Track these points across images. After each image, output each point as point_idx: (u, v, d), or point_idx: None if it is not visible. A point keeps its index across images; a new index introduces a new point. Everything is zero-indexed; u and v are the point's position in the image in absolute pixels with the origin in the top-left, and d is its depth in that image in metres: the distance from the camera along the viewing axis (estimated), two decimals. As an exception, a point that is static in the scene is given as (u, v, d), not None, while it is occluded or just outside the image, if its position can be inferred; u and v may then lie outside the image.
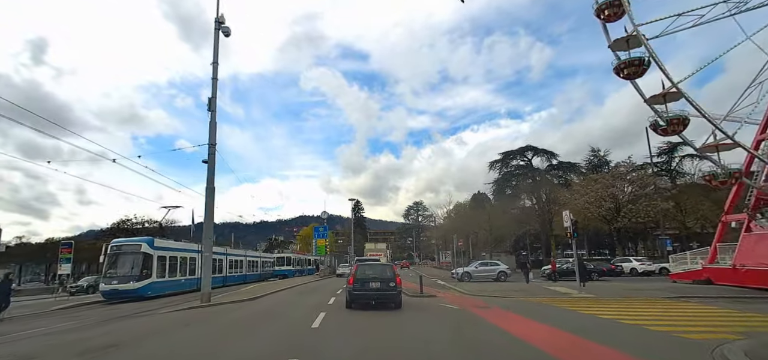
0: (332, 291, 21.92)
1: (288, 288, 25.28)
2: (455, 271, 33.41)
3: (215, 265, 30.96)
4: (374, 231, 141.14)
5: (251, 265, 40.36)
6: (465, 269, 32.41)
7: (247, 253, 39.80)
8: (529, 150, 70.74)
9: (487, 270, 32.97)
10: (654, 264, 36.15)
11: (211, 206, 17.36)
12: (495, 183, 71.52)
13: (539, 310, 13.23)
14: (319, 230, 45.70)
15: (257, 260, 42.72)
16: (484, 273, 32.53)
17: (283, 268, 44.82)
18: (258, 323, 11.36)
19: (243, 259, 37.65)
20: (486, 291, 20.84)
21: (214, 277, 30.85)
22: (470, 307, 14.22)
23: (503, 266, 33.88)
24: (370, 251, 64.12)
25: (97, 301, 20.60)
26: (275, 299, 18.43)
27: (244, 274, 37.55)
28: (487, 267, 33.55)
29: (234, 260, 35.49)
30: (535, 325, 10.45)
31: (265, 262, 44.97)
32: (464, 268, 31.46)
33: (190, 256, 26.74)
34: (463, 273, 31.40)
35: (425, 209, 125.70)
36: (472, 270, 33.03)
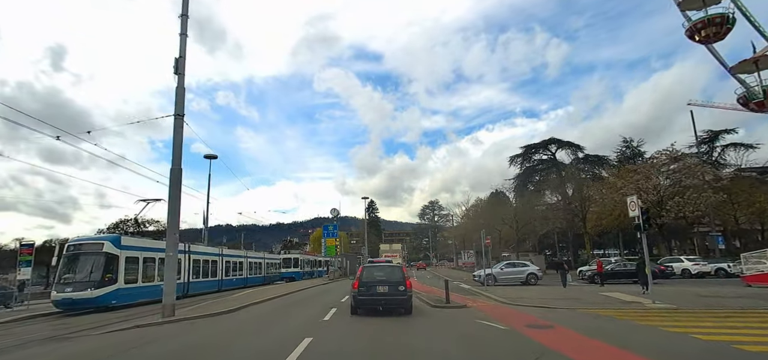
0: (335, 300, 17.79)
1: (284, 294, 21.28)
2: (477, 274, 28.92)
3: (207, 267, 27.19)
4: (389, 232, 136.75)
5: (254, 268, 36.60)
6: (489, 271, 28.08)
7: (249, 254, 36.04)
8: (552, 143, 65.76)
9: (514, 272, 28.46)
10: (709, 264, 31.14)
11: (176, 193, 13.43)
12: (516, 179, 66.67)
13: (628, 334, 8.84)
14: (329, 229, 41.67)
15: (261, 262, 38.93)
16: (512, 275, 28.05)
17: (290, 270, 40.94)
18: (208, 356, 7.34)
19: (243, 261, 33.87)
20: (524, 298, 16.47)
21: (207, 281, 27.13)
22: (521, 325, 9.91)
23: (533, 267, 29.30)
24: (385, 252, 60.54)
25: (50, 313, 16.86)
26: (260, 311, 14.39)
27: (244, 277, 33.76)
28: (514, 269, 29.02)
29: (233, 262, 31.72)
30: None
31: (270, 264, 41.19)
32: (487, 269, 27.26)
33: (205, 258, 23.16)
34: (487, 276, 27.09)
35: (441, 208, 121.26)
36: (498, 272, 28.56)
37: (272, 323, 11.21)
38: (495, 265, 31.12)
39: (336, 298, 18.98)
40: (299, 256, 43.05)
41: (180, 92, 14.09)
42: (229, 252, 31.85)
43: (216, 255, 28.82)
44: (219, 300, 18.72)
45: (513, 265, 29.97)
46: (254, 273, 36.77)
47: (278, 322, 11.34)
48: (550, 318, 11.09)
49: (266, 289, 25.79)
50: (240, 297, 19.81)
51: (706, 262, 31.59)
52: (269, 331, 9.88)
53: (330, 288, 27.38)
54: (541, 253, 48.23)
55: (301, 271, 41.48)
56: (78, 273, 17.17)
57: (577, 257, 49.64)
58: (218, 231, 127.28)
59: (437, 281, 32.83)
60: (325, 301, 17.26)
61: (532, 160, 67.10)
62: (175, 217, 13.48)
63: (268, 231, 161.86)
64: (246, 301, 17.22)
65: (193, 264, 25.25)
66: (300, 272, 41.33)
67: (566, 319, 10.84)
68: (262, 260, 39.38)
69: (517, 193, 64.08)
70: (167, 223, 13.64)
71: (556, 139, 65.29)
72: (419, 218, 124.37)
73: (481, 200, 62.03)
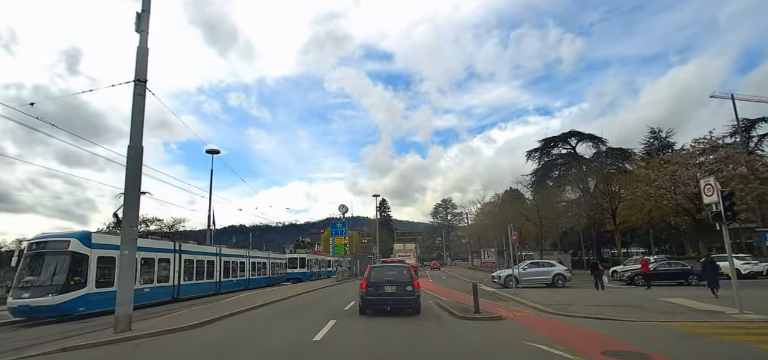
0: (337, 307, 14.89)
1: (280, 300, 18.46)
2: (497, 275, 25.59)
3: (202, 268, 24.48)
4: (401, 231, 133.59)
5: (257, 268, 33.91)
6: (510, 272, 24.72)
7: (252, 253, 33.33)
8: (572, 136, 61.96)
9: (539, 273, 25.02)
10: (761, 263, 27.56)
11: (135, 177, 10.63)
12: (534, 174, 62.93)
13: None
14: (337, 226, 38.76)
15: (266, 262, 36.21)
16: (536, 277, 24.68)
17: (296, 271, 38.15)
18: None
19: (244, 261, 31.16)
20: (571, 307, 13.26)
21: (202, 283, 24.41)
22: (597, 353, 6.76)
23: (560, 267, 25.87)
24: (399, 252, 58.91)
25: (5, 323, 14.22)
26: (238, 324, 11.50)
27: (246, 278, 31.06)
28: (539, 269, 25.54)
29: (232, 262, 29.02)
30: None
31: (275, 265, 38.47)
32: (508, 270, 24.02)
33: (160, 256, 20.37)
34: (507, 277, 23.77)
35: (454, 207, 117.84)
36: (520, 273, 25.00)
37: (244, 344, 8.27)
38: (518, 264, 27.79)
39: (339, 304, 16.07)
40: (306, 256, 40.23)
41: (142, 54, 11.28)
42: (228, 251, 29.13)
43: (212, 255, 26.10)
44: (196, 308, 15.82)
45: (537, 265, 26.54)
46: (258, 274, 34.06)
47: (252, 343, 8.40)
48: (630, 338, 7.96)
49: (263, 293, 22.95)
50: (226, 303, 17.04)
51: (757, 261, 27.99)
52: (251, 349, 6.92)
53: (335, 290, 24.46)
54: (566, 252, 44.56)
55: (308, 272, 38.67)
56: (39, 275, 14.50)
57: (600, 256, 45.97)
58: (231, 231, 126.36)
59: (456, 283, 29.61)
60: (325, 309, 14.33)
61: (551, 155, 63.32)
62: (133, 208, 10.67)
63: (281, 231, 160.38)
64: (231, 308, 14.38)
65: (185, 265, 22.49)
66: (307, 273, 38.53)
67: (655, 341, 7.70)
68: (267, 260, 36.66)
69: (535, 189, 60.41)
70: (123, 214, 10.81)
71: (577, 132, 61.50)
72: (432, 217, 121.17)
73: (498, 196, 58.52)
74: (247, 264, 31.82)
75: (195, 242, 28.88)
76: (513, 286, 23.14)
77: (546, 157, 62.51)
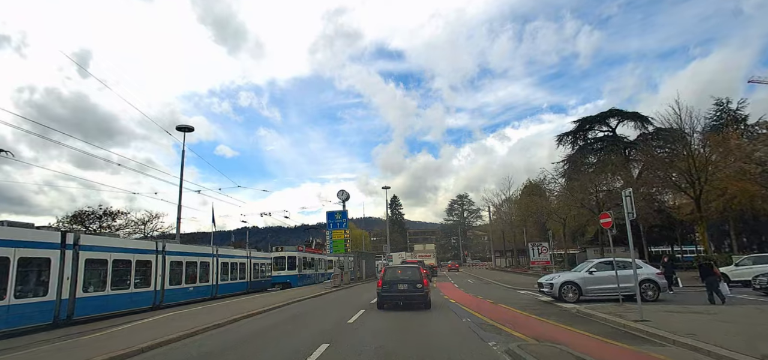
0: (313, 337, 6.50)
1: (189, 335, 9.85)
2: (548, 281, 16.30)
3: (127, 272, 16.46)
4: (414, 231, 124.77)
5: (230, 271, 25.88)
6: (565, 277, 15.79)
7: (222, 251, 25.26)
8: (612, 116, 52.43)
9: (614, 278, 15.95)
10: None
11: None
12: (567, 160, 53.73)
13: None
14: (336, 217, 30.37)
15: (245, 263, 28.11)
16: (610, 284, 15.74)
17: (282, 274, 29.92)
18: None
19: (210, 262, 23.11)
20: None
21: (122, 295, 16.33)
22: None
23: (649, 270, 16.79)
24: (419, 252, 53.70)
25: None
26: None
27: (211, 285, 23.07)
28: (613, 273, 16.47)
29: (188, 264, 21.04)
30: None
31: (259, 266, 30.39)
32: (561, 274, 15.43)
33: (118, 257, 12.74)
34: (564, 284, 15.26)
35: (471, 203, 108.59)
36: (583, 278, 15.58)
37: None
38: (579, 266, 18.59)
39: (308, 343, 7.84)
40: (296, 255, 31.15)
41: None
42: (181, 249, 21.09)
43: (148, 252, 18.05)
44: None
45: (611, 267, 17.21)
46: (232, 278, 25.99)
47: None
48: None
49: (197, 313, 14.48)
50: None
51: None
52: None
53: (320, 307, 16.10)
54: (640, 247, 35.09)
55: (297, 275, 30.36)
56: None
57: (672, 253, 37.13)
58: (243, 233, 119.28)
59: (493, 290, 20.95)
60: None
61: (587, 139, 54.07)
62: None
63: (293, 232, 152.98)
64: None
65: (88, 268, 14.42)
66: (296, 276, 30.25)
67: None
68: (247, 261, 28.54)
69: (569, 177, 51.27)
70: None
71: (618, 111, 52.00)
72: (447, 214, 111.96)
73: (531, 182, 49.57)
74: (214, 266, 23.76)
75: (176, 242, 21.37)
76: (569, 300, 14.77)
77: (581, 141, 53.31)
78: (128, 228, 38.58)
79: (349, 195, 30.57)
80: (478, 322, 10.40)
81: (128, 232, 40.18)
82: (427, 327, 9.94)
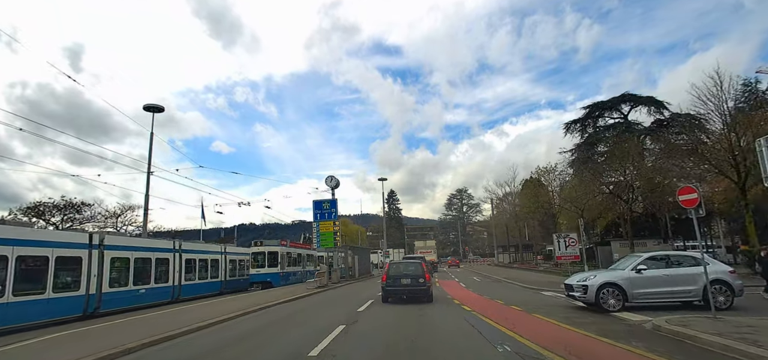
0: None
1: None
2: (581, 282, 11.65)
3: (37, 272, 12.51)
4: (412, 227, 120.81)
5: (198, 269, 21.91)
6: (604, 278, 11.35)
7: (186, 245, 21.25)
8: (625, 101, 48.61)
9: (673, 278, 11.15)
10: None
11: None
12: (575, 150, 49.90)
13: None
14: (324, 206, 26.28)
15: (218, 259, 24.14)
16: (665, 288, 11.22)
17: (263, 272, 25.91)
18: None
19: (169, 258, 19.11)
20: None
21: (35, 302, 12.43)
22: None
23: (720, 267, 12.33)
24: (420, 248, 53.36)
25: None
26: None
27: (171, 286, 19.09)
28: (670, 271, 11.32)
29: (137, 260, 17.09)
30: None
31: (236, 263, 26.40)
32: (598, 274, 11.38)
33: None
34: (603, 287, 11.05)
35: (470, 197, 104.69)
36: (629, 279, 11.12)
37: None
38: (622, 261, 13.98)
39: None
40: (279, 250, 26.63)
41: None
42: (125, 243, 17.10)
43: (79, 247, 14.10)
44: None
45: (666, 264, 12.65)
46: (201, 277, 22.04)
47: None
48: None
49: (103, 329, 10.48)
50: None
51: None
52: None
53: (291, 318, 12.14)
54: (665, 240, 31.04)
55: (279, 273, 26.34)
56: None
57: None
58: (240, 230, 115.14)
59: (501, 289, 16.98)
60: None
61: (597, 126, 50.24)
62: None
63: (291, 229, 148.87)
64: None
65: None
66: (278, 274, 26.23)
67: None
68: (220, 257, 24.55)
69: (577, 167, 47.46)
70: None
71: (631, 96, 48.21)
72: (446, 209, 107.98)
73: (541, 168, 45.68)
74: (175, 263, 19.76)
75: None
76: (613, 308, 10.72)
77: (592, 128, 49.50)
78: (95, 220, 34.52)
79: (338, 182, 26.54)
80: (528, 355, 6.44)
81: (98, 225, 36.14)
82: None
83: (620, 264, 12.72)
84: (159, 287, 18.55)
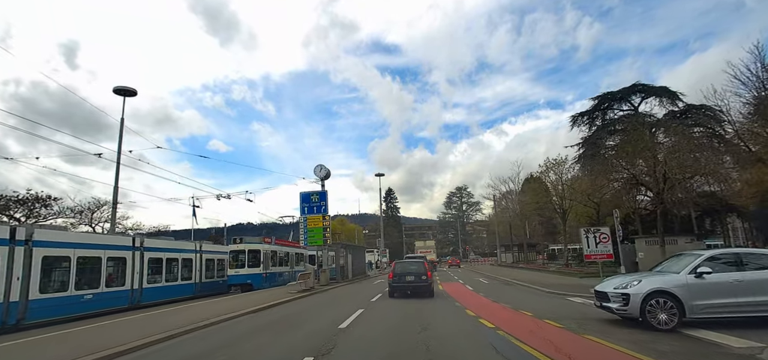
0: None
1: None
2: (615, 292, 8.68)
3: None
4: (410, 227, 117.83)
5: (172, 270, 19.02)
6: (653, 285, 8.26)
7: (161, 244, 18.30)
8: (636, 92, 45.80)
9: (749, 286, 7.89)
10: None
11: None
12: (583, 144, 47.07)
13: None
14: (312, 198, 23.24)
15: (191, 258, 21.15)
16: (741, 298, 7.86)
17: (241, 273, 22.89)
18: None
19: (126, 257, 16.15)
20: None
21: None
22: None
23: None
24: (420, 248, 53.70)
25: None
26: None
27: (128, 289, 16.15)
28: (746, 276, 8.02)
29: (97, 259, 14.28)
30: None
31: (214, 263, 23.39)
32: (643, 279, 8.63)
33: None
34: (651, 297, 8.02)
35: (470, 196, 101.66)
36: (686, 286, 8.02)
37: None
38: (676, 259, 10.50)
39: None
40: (261, 248, 23.33)
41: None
42: (63, 237, 14.11)
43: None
44: None
45: (735, 265, 9.25)
46: (169, 279, 19.06)
47: None
48: None
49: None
50: None
51: None
52: None
53: (238, 344, 9.20)
54: (698, 238, 27.81)
55: (261, 274, 23.33)
56: None
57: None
58: (239, 229, 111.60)
59: (518, 295, 14.01)
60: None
61: (605, 119, 47.40)
62: None
63: (289, 229, 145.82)
64: None
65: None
66: (260, 276, 23.23)
67: None
68: (194, 256, 21.56)
69: (585, 162, 44.65)
70: None
71: (643, 86, 45.32)
72: (445, 207, 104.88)
73: (550, 160, 42.72)
74: (135, 263, 16.78)
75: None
76: (666, 326, 7.85)
77: (601, 120, 46.69)
78: (62, 216, 31.45)
79: (329, 172, 23.62)
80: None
81: (71, 222, 33.09)
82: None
83: (668, 266, 9.73)
84: (111, 292, 15.57)
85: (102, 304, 14.93)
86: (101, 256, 15.21)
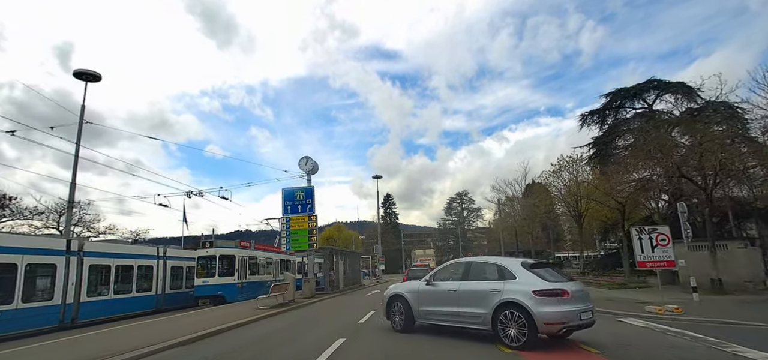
0: None
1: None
2: None
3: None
4: (409, 234, 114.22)
5: (127, 279, 15.76)
6: (396, 289, 9.50)
7: (109, 249, 15.11)
8: (651, 89, 42.76)
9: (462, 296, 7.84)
10: None
11: None
12: (594, 144, 43.92)
13: None
14: (296, 195, 19.82)
15: (152, 265, 17.82)
16: (457, 308, 7.90)
17: (210, 283, 19.14)
18: None
19: (56, 263, 12.87)
20: None
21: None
22: None
23: None
24: (420, 256, 58.00)
25: None
26: None
27: (57, 304, 12.80)
28: (462, 286, 7.99)
29: (11, 266, 10.95)
30: None
31: (183, 272, 20.04)
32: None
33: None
34: (392, 299, 9.37)
35: (471, 201, 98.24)
36: (420, 292, 8.74)
37: None
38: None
39: None
40: (235, 253, 19.97)
41: None
42: None
43: None
44: None
45: (466, 274, 8.22)
46: (120, 291, 15.72)
47: None
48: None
49: None
50: None
51: None
52: None
53: None
54: (752, 243, 24.32)
55: (235, 284, 19.79)
56: None
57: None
58: (235, 236, 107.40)
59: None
60: None
61: (617, 117, 44.31)
62: None
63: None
64: None
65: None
66: (233, 286, 19.72)
67: None
68: (155, 262, 18.21)
69: (596, 162, 41.52)
70: None
71: (658, 82, 42.38)
72: (445, 213, 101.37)
73: (564, 158, 39.55)
74: (69, 271, 13.44)
75: None
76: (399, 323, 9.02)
77: (613, 118, 43.61)
78: (21, 217, 28.04)
79: (316, 165, 20.33)
80: None
81: (35, 227, 29.71)
82: None
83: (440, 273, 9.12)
84: (34, 307, 12.21)
85: (20, 323, 11.60)
86: (16, 263, 11.86)
